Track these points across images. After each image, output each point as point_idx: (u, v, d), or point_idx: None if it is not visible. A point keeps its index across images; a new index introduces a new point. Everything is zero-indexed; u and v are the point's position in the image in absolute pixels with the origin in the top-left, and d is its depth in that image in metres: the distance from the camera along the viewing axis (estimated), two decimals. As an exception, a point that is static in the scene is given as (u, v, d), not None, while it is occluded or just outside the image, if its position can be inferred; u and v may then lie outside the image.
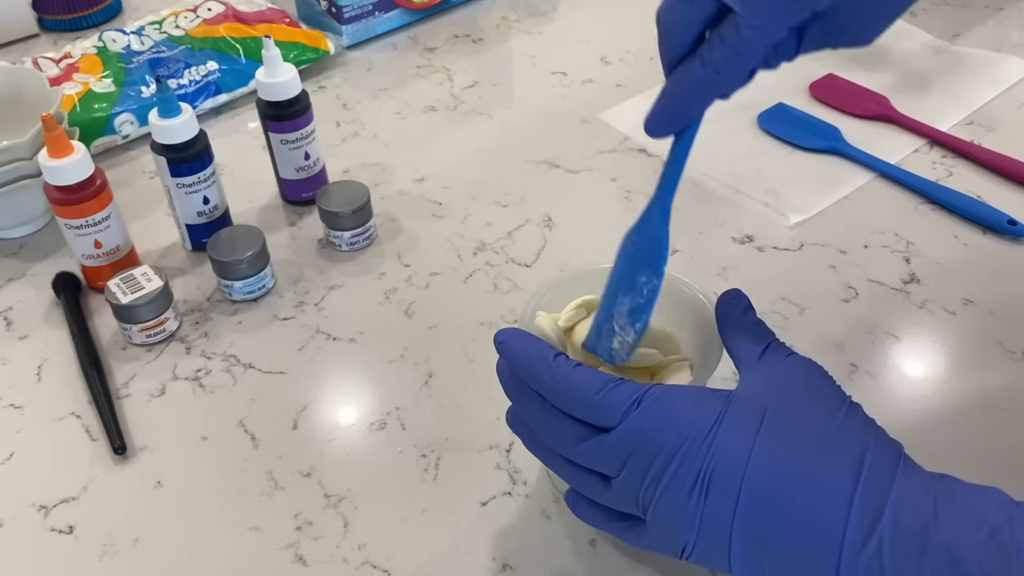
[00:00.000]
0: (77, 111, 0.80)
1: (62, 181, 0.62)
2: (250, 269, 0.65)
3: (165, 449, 0.57)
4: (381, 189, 0.76)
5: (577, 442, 0.40)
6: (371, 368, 0.61)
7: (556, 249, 0.69)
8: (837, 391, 0.40)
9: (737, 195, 0.73)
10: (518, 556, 0.50)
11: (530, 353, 0.42)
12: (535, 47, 0.94)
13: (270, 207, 0.76)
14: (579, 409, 0.40)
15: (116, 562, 0.51)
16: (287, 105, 0.69)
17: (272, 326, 0.65)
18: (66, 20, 1.00)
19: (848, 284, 0.65)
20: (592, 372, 0.40)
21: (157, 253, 0.72)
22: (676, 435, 0.38)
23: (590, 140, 0.80)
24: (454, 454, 0.55)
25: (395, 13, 0.96)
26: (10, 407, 0.60)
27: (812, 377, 0.40)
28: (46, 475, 0.56)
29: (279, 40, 0.87)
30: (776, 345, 0.42)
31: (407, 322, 0.64)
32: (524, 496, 0.53)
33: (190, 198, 0.67)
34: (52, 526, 0.53)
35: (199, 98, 0.84)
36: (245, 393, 0.60)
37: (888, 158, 0.75)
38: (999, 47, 0.88)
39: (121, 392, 0.61)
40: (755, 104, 0.82)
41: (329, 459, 0.56)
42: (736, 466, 0.37)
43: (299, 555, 0.51)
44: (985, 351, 0.60)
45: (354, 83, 0.90)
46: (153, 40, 0.89)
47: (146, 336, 0.63)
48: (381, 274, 0.68)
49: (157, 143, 0.66)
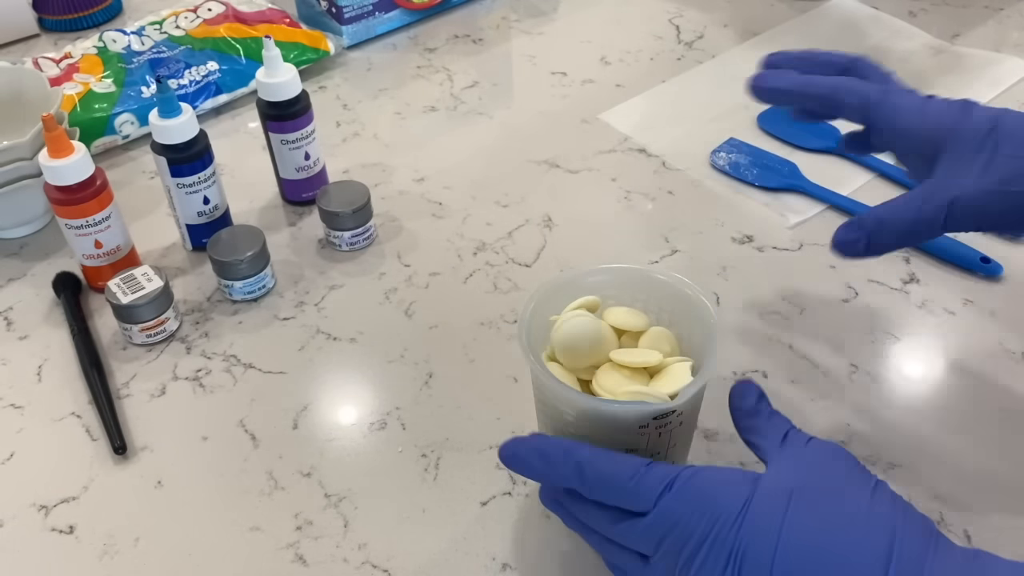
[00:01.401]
0: (77, 111, 0.80)
1: (62, 181, 0.62)
2: (250, 269, 0.65)
3: (165, 449, 0.57)
4: (381, 189, 0.76)
5: (613, 524, 0.42)
6: (371, 368, 0.61)
7: (556, 249, 0.69)
8: (862, 471, 0.41)
9: (737, 195, 0.74)
10: (518, 556, 0.50)
11: (553, 456, 0.43)
12: (535, 47, 0.94)
13: (270, 207, 0.76)
14: (613, 497, 0.42)
15: (116, 562, 0.51)
16: (287, 105, 0.70)
17: (272, 326, 0.65)
18: (66, 20, 1.00)
19: (848, 284, 0.65)
20: (622, 458, 0.42)
21: (157, 253, 0.72)
22: (707, 518, 0.39)
23: (590, 140, 0.80)
24: (454, 454, 0.55)
25: (395, 13, 0.96)
26: (10, 407, 0.60)
27: (836, 459, 0.41)
28: (46, 475, 0.56)
29: (279, 40, 0.87)
30: (794, 432, 0.44)
31: (407, 322, 0.64)
32: (524, 496, 0.53)
33: (190, 198, 0.68)
34: (52, 526, 0.53)
35: (199, 98, 0.84)
36: (245, 393, 0.60)
37: (888, 158, 0.75)
38: (999, 47, 0.88)
39: (121, 392, 0.61)
40: (755, 104, 0.81)
41: (329, 459, 0.56)
42: (766, 548, 0.37)
43: (299, 555, 0.51)
44: (985, 351, 0.60)
45: (354, 83, 0.90)
46: (153, 40, 0.89)
47: (146, 336, 0.63)
48: (381, 274, 0.68)
49: (157, 143, 0.66)
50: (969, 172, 0.47)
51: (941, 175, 0.49)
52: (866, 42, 0.90)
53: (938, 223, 0.48)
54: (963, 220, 0.48)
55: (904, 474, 0.53)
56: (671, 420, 0.45)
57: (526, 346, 0.47)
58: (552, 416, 0.48)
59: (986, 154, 0.47)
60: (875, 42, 0.90)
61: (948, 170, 0.48)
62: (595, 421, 0.45)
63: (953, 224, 0.48)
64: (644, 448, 0.46)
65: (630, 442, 0.45)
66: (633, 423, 0.44)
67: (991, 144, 0.48)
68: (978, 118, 0.49)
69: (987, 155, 0.47)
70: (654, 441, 0.46)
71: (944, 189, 0.48)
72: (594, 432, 0.45)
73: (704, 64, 0.89)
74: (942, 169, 0.49)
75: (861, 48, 0.89)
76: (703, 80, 0.87)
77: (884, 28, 0.92)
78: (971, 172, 0.47)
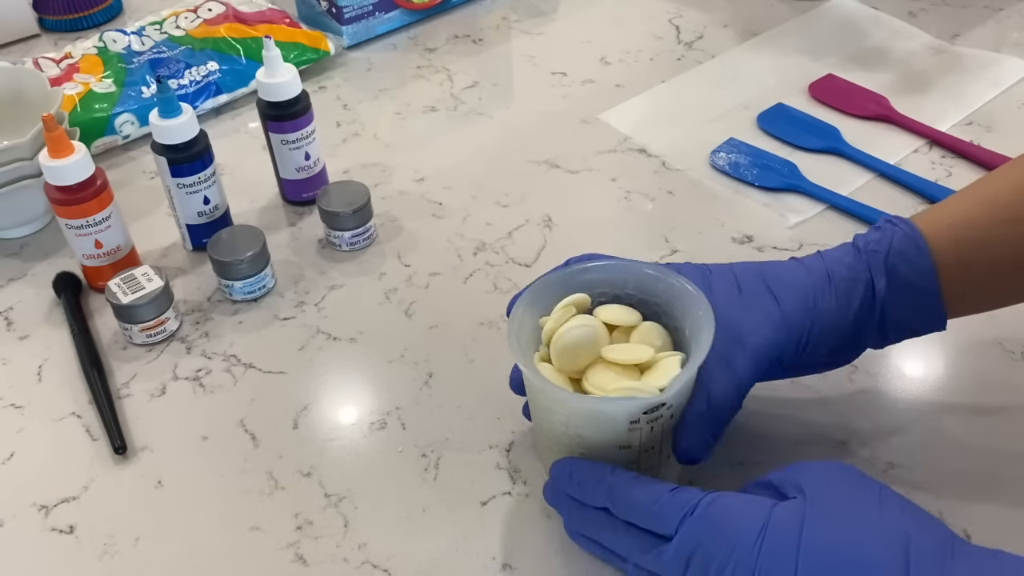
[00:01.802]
0: (78, 111, 0.80)
1: (62, 181, 0.62)
2: (250, 269, 0.65)
3: (165, 449, 0.57)
4: (381, 189, 0.76)
5: (643, 552, 0.43)
6: (371, 368, 0.61)
7: (556, 249, 0.69)
8: (869, 483, 0.41)
9: (737, 195, 0.74)
10: (518, 556, 0.50)
11: (588, 474, 0.45)
12: (535, 47, 0.94)
13: (270, 207, 0.76)
14: (639, 519, 0.43)
15: (116, 562, 0.51)
16: (287, 105, 0.70)
17: (272, 326, 0.65)
18: (66, 20, 1.00)
19: (848, 284, 0.65)
20: (647, 482, 0.43)
21: (157, 253, 0.72)
22: (727, 543, 0.40)
23: (590, 140, 0.80)
24: (454, 454, 0.55)
25: (395, 13, 0.96)
26: (10, 407, 0.60)
27: (843, 475, 0.42)
28: (46, 475, 0.56)
29: (279, 40, 0.87)
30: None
31: (407, 322, 0.65)
32: (524, 496, 0.53)
33: (190, 198, 0.68)
34: (52, 526, 0.53)
35: (199, 98, 0.84)
36: (245, 393, 0.60)
37: (887, 158, 0.75)
38: (999, 47, 0.88)
39: (121, 392, 0.61)
40: (755, 104, 0.82)
41: (329, 459, 0.56)
42: (787, 569, 0.38)
43: (299, 555, 0.51)
44: (985, 351, 0.60)
45: (354, 83, 0.90)
46: (153, 40, 0.89)
47: (146, 336, 0.63)
48: (381, 274, 0.68)
49: (157, 143, 0.66)
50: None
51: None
52: (866, 42, 0.90)
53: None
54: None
55: (904, 474, 0.53)
56: (662, 414, 0.45)
57: (516, 348, 0.46)
58: (544, 417, 0.48)
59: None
60: (875, 42, 0.90)
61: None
62: (585, 419, 0.45)
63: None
64: (638, 444, 0.46)
65: (623, 440, 0.45)
66: (623, 419, 0.44)
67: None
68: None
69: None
70: (647, 436, 0.46)
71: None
72: (586, 431, 0.46)
73: (704, 64, 0.89)
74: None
75: (861, 48, 0.89)
76: (703, 80, 0.87)
77: (884, 28, 0.92)
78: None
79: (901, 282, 0.49)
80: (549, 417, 0.47)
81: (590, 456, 0.46)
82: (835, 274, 0.50)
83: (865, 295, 0.49)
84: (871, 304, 0.50)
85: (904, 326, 0.51)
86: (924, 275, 0.49)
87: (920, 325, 0.51)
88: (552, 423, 0.47)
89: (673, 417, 0.46)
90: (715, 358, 0.46)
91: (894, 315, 0.50)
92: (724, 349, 0.47)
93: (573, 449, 0.47)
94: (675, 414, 0.46)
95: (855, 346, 0.51)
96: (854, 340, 0.51)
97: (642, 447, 0.46)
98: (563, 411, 0.46)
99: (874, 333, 0.51)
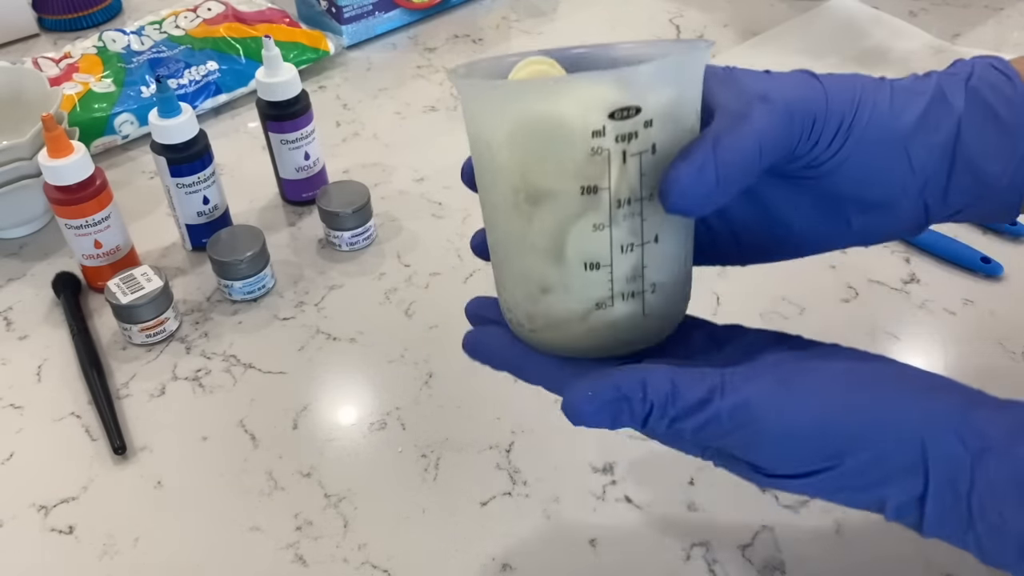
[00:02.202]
0: (77, 111, 0.80)
1: (62, 181, 0.62)
2: (250, 269, 0.65)
3: (165, 449, 0.57)
4: (381, 189, 0.76)
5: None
6: (371, 368, 0.61)
7: (556, 249, 0.69)
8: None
9: (737, 195, 0.73)
10: (518, 556, 0.50)
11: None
12: (535, 47, 0.94)
13: (270, 207, 0.76)
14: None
15: (116, 562, 0.51)
16: (287, 105, 0.70)
17: (272, 326, 0.65)
18: (66, 20, 1.00)
19: (848, 284, 0.65)
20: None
21: (157, 253, 0.72)
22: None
23: (590, 140, 0.80)
24: (454, 454, 0.55)
25: (395, 13, 0.96)
26: (10, 407, 0.60)
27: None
28: (46, 475, 0.56)
29: (279, 40, 0.87)
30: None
31: (407, 322, 0.64)
32: (524, 496, 0.53)
33: (190, 198, 0.67)
34: (52, 526, 0.53)
35: (199, 98, 0.84)
36: (245, 393, 0.60)
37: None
38: (999, 47, 0.88)
39: (121, 392, 0.61)
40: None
41: (329, 459, 0.56)
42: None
43: (299, 555, 0.51)
44: (985, 351, 0.60)
45: (354, 83, 0.90)
46: (153, 40, 0.89)
47: (146, 336, 0.63)
48: (381, 274, 0.68)
49: (157, 143, 0.66)
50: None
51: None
52: (866, 42, 0.90)
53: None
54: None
55: (904, 474, 0.53)
56: (638, 131, 0.33)
57: (454, 72, 0.37)
58: (486, 169, 0.38)
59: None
60: (875, 42, 0.90)
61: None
62: (527, 132, 0.34)
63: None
64: (609, 189, 0.34)
65: (581, 171, 0.33)
66: (580, 126, 0.32)
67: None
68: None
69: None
70: (618, 173, 0.33)
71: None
72: (531, 161, 0.34)
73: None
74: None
75: (861, 48, 0.89)
76: (703, 80, 0.87)
77: (884, 28, 0.91)
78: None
79: (983, 106, 0.39)
80: (485, 155, 0.36)
81: (545, 217, 0.35)
82: (895, 85, 0.41)
83: (930, 109, 0.39)
84: (937, 122, 0.39)
85: (981, 175, 0.39)
86: (1015, 107, 0.38)
87: (997, 176, 0.39)
88: (495, 181, 0.37)
89: (657, 154, 0.34)
90: (727, 113, 0.35)
91: (971, 146, 0.39)
92: (739, 106, 0.36)
93: (524, 218, 0.36)
94: (659, 144, 0.34)
95: (905, 190, 0.39)
96: (906, 174, 0.39)
97: (615, 197, 0.34)
98: (499, 130, 0.35)
99: (937, 170, 0.39)
